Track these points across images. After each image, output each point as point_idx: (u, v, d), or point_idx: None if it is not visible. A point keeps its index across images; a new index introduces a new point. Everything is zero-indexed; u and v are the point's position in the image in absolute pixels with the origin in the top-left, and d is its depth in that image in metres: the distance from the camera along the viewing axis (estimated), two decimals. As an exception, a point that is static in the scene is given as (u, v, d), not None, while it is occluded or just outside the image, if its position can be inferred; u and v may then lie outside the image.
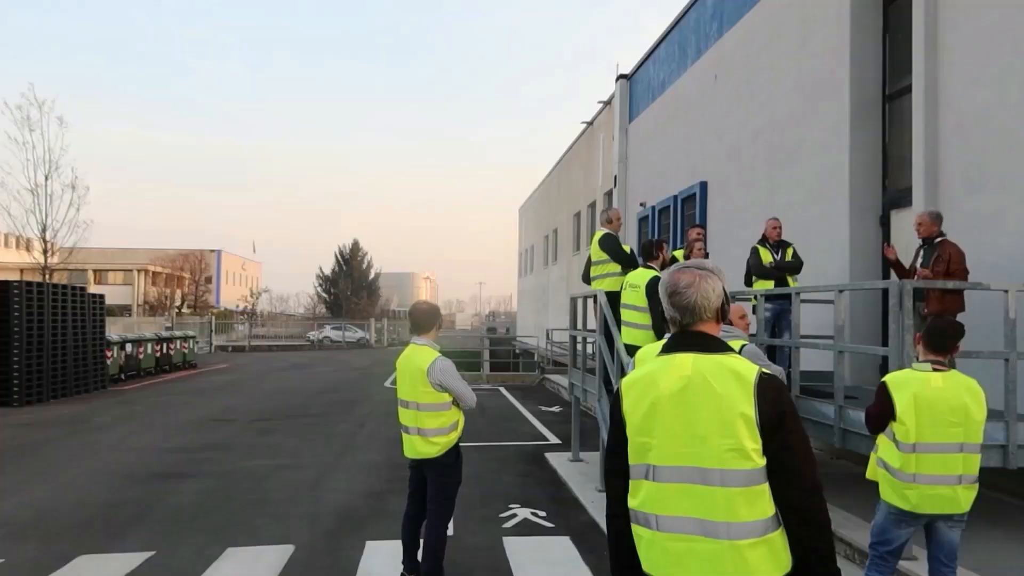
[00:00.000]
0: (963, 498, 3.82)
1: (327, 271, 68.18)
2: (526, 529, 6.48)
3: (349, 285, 65.44)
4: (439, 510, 4.75)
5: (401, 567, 5.06)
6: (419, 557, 4.90)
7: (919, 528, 3.98)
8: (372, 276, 68.94)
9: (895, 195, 9.40)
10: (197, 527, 6.53)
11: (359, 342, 47.42)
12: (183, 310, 53.71)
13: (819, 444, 8.58)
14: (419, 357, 4.74)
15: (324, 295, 68.37)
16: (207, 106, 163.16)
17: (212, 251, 68.58)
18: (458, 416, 4.79)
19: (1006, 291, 5.45)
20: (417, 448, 4.73)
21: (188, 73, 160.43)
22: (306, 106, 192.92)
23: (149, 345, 22.34)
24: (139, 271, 58.92)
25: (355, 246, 68.44)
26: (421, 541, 4.90)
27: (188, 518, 6.83)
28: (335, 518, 6.84)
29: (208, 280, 64.75)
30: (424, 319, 4.86)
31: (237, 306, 61.59)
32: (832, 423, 6.10)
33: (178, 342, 24.85)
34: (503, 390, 18.91)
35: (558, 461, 9.41)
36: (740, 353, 5.20)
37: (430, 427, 4.66)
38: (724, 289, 2.29)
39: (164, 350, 23.49)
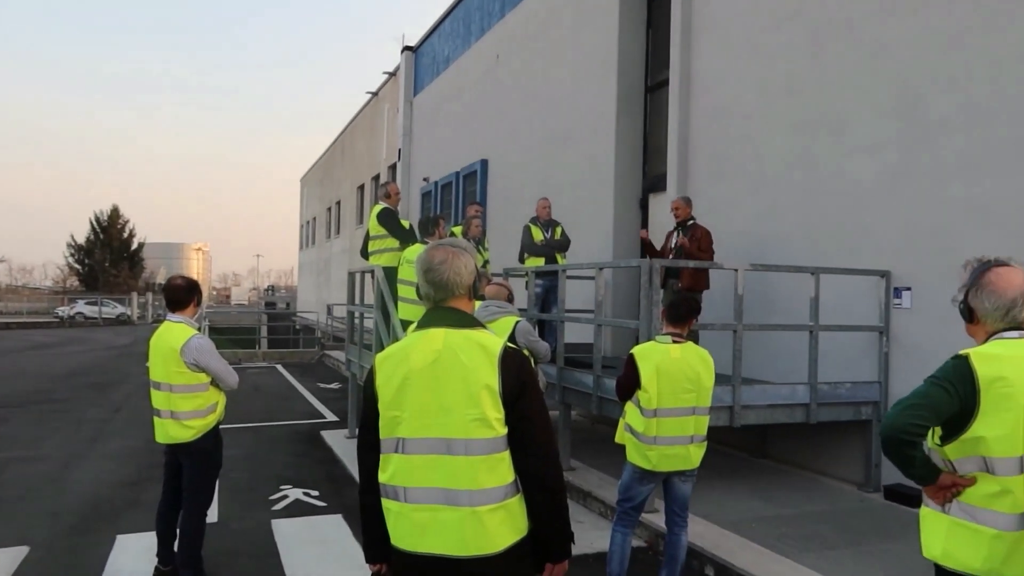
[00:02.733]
0: (694, 455, 4.29)
1: (80, 240, 61.22)
2: (297, 510, 6.31)
3: (107, 255, 59.24)
4: (196, 497, 4.48)
5: (156, 560, 4.72)
6: (176, 548, 4.60)
7: (658, 484, 4.41)
8: (135, 246, 62.93)
9: (653, 181, 10.24)
10: (-98, 535, 5.62)
11: (119, 318, 43.28)
12: None
13: (581, 412, 9.20)
14: (173, 335, 4.41)
15: (76, 266, 61.38)
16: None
17: (-68, 214, 58.92)
18: (218, 397, 4.53)
19: (736, 270, 6.16)
20: (170, 432, 4.41)
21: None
22: (56, 57, 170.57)
23: None
24: None
25: (114, 212, 62.00)
26: (178, 531, 4.60)
27: None
28: (81, 513, 6.21)
29: (-73, 247, 55.58)
30: (179, 295, 4.52)
31: (-34, 278, 53.55)
32: (591, 392, 6.56)
33: None
34: (280, 368, 18.22)
35: (334, 439, 9.27)
36: (514, 328, 5.42)
37: (184, 410, 4.37)
38: (476, 266, 2.37)
39: None
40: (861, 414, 6.56)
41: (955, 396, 2.18)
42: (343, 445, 8.89)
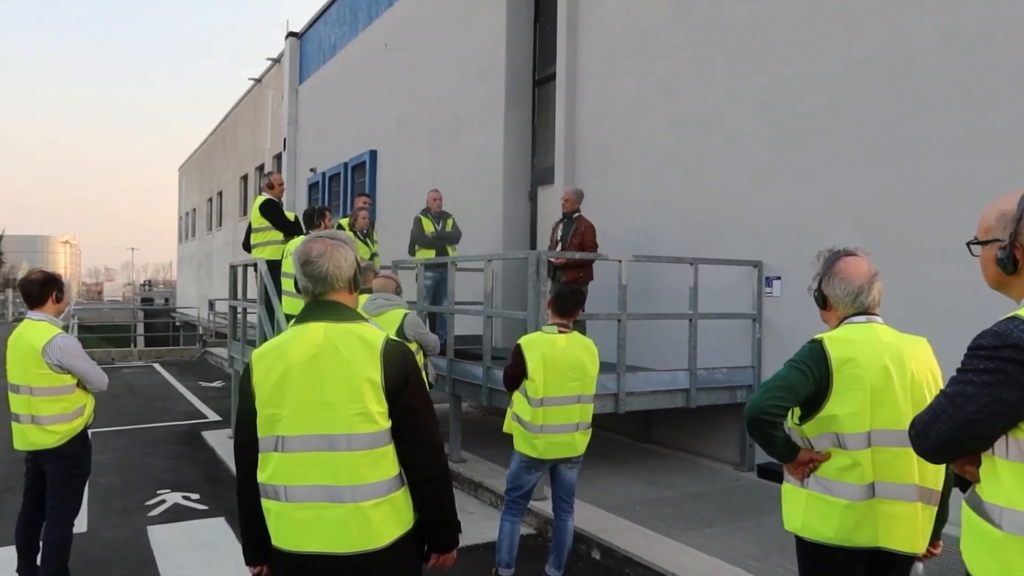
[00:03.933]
0: (579, 442, 4.39)
1: (-73, 232, 56.08)
2: (175, 515, 6.04)
3: (-40, 249, 54.62)
4: (61, 506, 4.20)
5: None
6: (39, 562, 4.31)
7: (546, 472, 4.49)
8: (-8, 239, 58.31)
9: (541, 173, 10.38)
10: None
11: (-26, 317, 39.91)
12: None
13: (472, 403, 9.25)
14: (33, 334, 4.10)
15: (-76, 261, 56.22)
16: None
17: None
18: (85, 400, 4.25)
19: (620, 261, 6.34)
20: (30, 438, 4.11)
21: None
22: None
23: None
24: None
25: (-32, 202, 57.19)
26: (41, 544, 4.30)
27: None
28: (-72, 529, 5.71)
29: None
30: (35, 290, 4.20)
31: None
32: (481, 383, 6.59)
33: None
34: (158, 366, 17.32)
35: (216, 439, 8.90)
36: (403, 321, 5.36)
37: (47, 414, 4.08)
38: (356, 259, 2.34)
39: None
40: (736, 397, 6.91)
41: (811, 377, 2.34)
42: (226, 445, 8.53)
